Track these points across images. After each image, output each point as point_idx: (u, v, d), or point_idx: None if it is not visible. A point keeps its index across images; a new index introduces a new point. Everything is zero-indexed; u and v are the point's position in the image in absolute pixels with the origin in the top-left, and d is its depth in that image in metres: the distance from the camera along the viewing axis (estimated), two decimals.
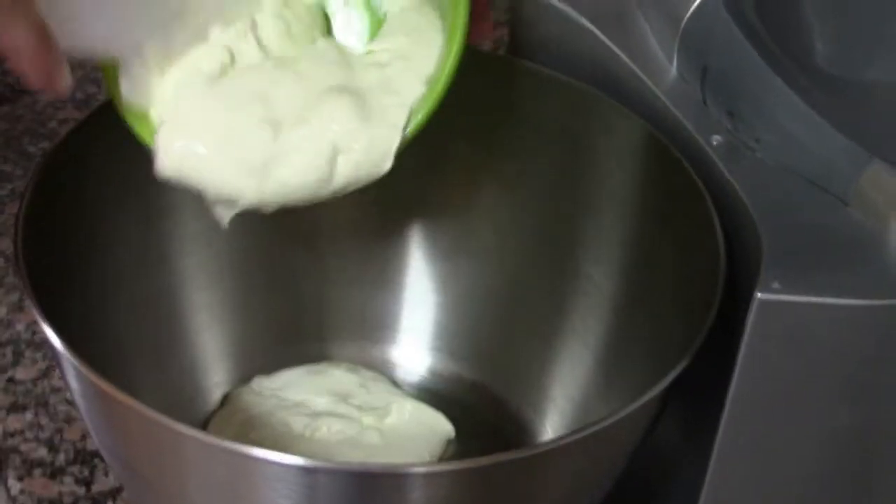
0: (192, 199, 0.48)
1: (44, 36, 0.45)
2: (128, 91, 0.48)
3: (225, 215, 0.48)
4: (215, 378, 0.60)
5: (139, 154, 0.48)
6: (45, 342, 0.66)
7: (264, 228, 0.47)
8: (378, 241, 0.61)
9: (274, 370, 0.60)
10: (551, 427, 0.58)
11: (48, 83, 0.46)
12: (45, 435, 0.62)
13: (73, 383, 0.46)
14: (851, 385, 0.47)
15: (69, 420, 0.63)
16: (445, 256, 0.61)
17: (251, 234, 0.57)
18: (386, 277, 0.61)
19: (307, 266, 0.61)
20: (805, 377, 0.46)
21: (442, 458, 0.57)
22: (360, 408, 0.58)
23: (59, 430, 0.63)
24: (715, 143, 0.51)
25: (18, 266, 0.47)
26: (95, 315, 0.53)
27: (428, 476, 0.42)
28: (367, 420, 0.58)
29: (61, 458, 0.61)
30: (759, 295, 0.45)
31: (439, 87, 0.47)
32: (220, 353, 0.60)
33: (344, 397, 0.59)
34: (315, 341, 0.62)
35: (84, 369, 0.43)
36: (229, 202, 0.48)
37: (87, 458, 0.61)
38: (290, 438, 0.57)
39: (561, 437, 0.44)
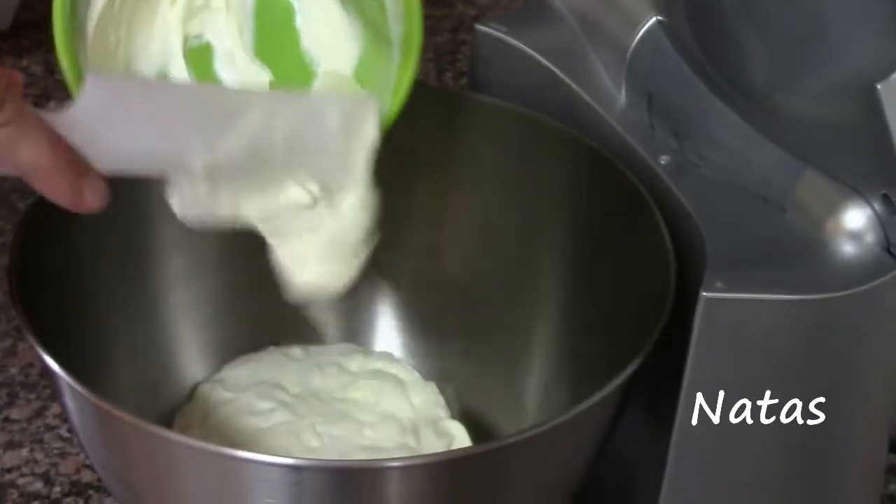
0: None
1: (60, 151, 0.42)
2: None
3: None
4: (194, 374, 0.62)
5: None
6: (38, 384, 0.69)
7: (241, 236, 0.51)
8: None
9: None
10: None
11: (74, 202, 0.43)
12: (40, 470, 0.65)
13: (69, 402, 0.49)
14: (796, 377, 0.50)
15: (63, 455, 0.66)
16: (413, 282, 0.64)
17: (230, 236, 0.60)
18: (358, 295, 0.64)
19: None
20: (752, 369, 0.50)
21: None
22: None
23: (55, 465, 0.65)
24: (663, 162, 0.55)
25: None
26: (77, 314, 0.56)
27: (404, 469, 0.45)
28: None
29: (57, 491, 0.64)
30: (704, 293, 0.48)
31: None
32: (198, 350, 0.63)
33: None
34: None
35: (78, 387, 0.47)
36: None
37: (81, 489, 0.64)
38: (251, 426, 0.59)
39: (524, 430, 0.47)
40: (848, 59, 0.49)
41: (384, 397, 0.62)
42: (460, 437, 0.60)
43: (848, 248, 0.50)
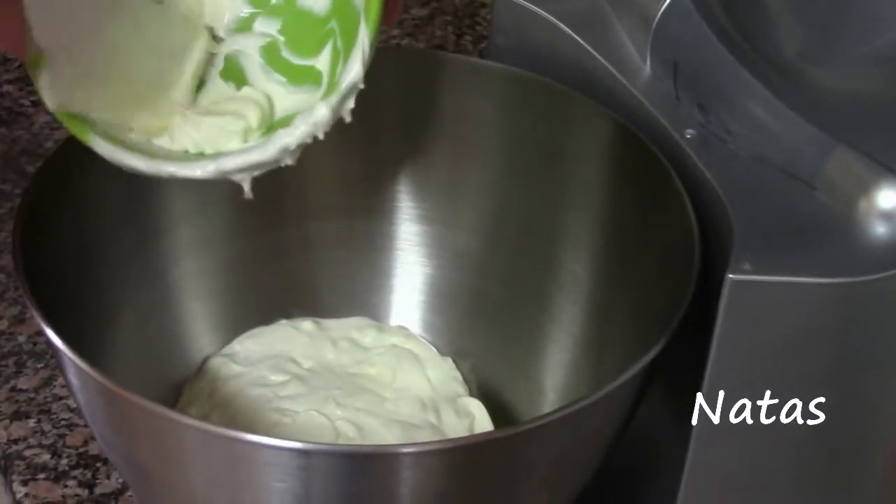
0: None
1: None
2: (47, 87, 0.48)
3: (245, 183, 0.49)
4: (202, 347, 0.61)
5: None
6: (46, 353, 0.68)
7: (252, 205, 0.49)
8: (366, 239, 0.63)
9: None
10: None
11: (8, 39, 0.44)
12: (47, 441, 0.64)
13: (73, 379, 0.48)
14: (824, 361, 0.49)
15: (71, 426, 0.65)
16: (430, 256, 0.63)
17: (240, 211, 0.59)
18: (373, 266, 0.63)
19: (295, 243, 0.63)
20: (779, 355, 0.48)
21: None
22: None
23: (62, 436, 0.64)
24: (688, 136, 0.53)
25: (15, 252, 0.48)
26: (84, 284, 0.54)
27: (418, 455, 0.44)
28: None
29: (64, 463, 0.63)
30: (730, 276, 0.46)
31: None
32: (207, 323, 0.61)
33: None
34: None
35: (82, 364, 0.45)
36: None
37: (89, 462, 0.63)
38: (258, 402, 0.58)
39: (545, 415, 0.45)
40: (885, 29, 0.47)
41: (401, 373, 0.60)
42: (481, 417, 0.59)
43: (881, 229, 0.48)
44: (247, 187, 0.49)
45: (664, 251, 0.52)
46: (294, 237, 0.62)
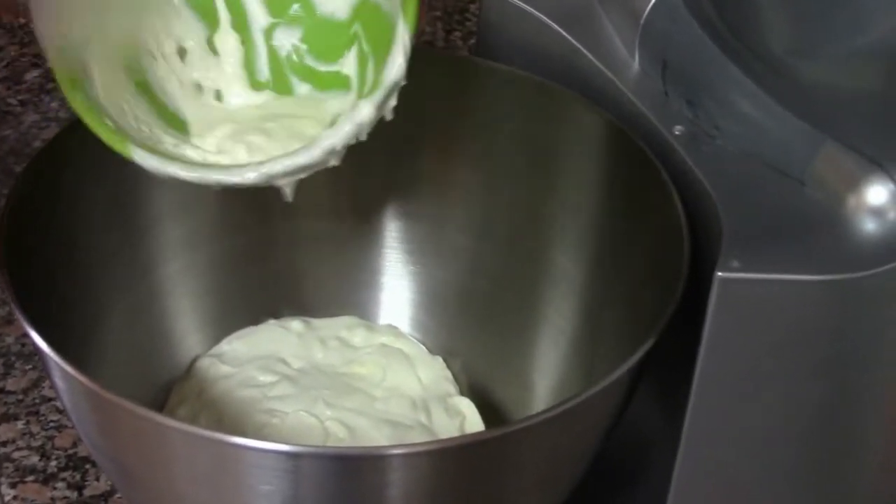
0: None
1: None
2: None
3: (288, 188, 0.49)
4: (190, 348, 0.61)
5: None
6: (34, 354, 0.67)
7: (240, 204, 0.49)
8: (355, 237, 0.63)
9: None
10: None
11: None
12: (36, 443, 0.64)
13: (59, 382, 0.48)
14: (814, 358, 0.48)
15: (60, 428, 0.64)
16: (419, 254, 0.63)
17: (227, 210, 0.59)
18: (362, 265, 0.63)
19: (284, 242, 0.62)
20: (768, 352, 0.48)
21: None
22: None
23: (51, 438, 0.64)
24: (677, 132, 0.53)
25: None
26: (70, 285, 0.54)
27: (408, 457, 0.44)
28: None
29: (53, 465, 0.63)
30: (719, 273, 0.46)
31: None
32: (194, 323, 0.61)
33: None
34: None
35: (67, 367, 0.45)
36: None
37: (78, 463, 0.63)
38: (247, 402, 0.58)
39: (535, 415, 0.45)
40: (874, 24, 0.47)
41: (391, 372, 0.60)
42: (471, 417, 0.59)
43: (870, 225, 0.48)
44: (289, 191, 0.49)
45: (653, 248, 0.52)
46: (282, 236, 0.62)
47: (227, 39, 0.55)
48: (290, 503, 0.44)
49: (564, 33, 0.58)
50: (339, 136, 0.48)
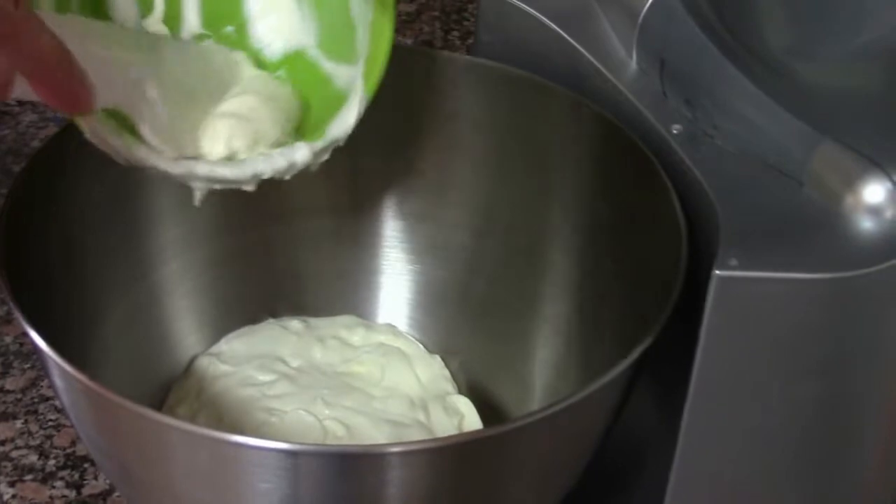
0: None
1: (64, 47, 0.42)
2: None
3: (199, 192, 0.49)
4: (189, 347, 0.61)
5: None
6: (33, 353, 0.68)
7: (238, 204, 0.49)
8: (353, 236, 0.63)
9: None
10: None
11: (71, 98, 0.43)
12: (35, 442, 0.64)
13: (57, 381, 0.48)
14: (812, 357, 0.48)
15: (58, 427, 0.64)
16: (417, 253, 0.63)
17: (226, 209, 0.59)
18: (360, 264, 0.63)
19: (282, 241, 0.62)
20: (766, 351, 0.48)
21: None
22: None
23: (49, 437, 0.64)
24: (675, 131, 0.53)
25: None
26: (69, 284, 0.54)
27: (406, 455, 0.44)
28: None
29: (52, 464, 0.63)
30: (717, 272, 0.46)
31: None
32: (193, 322, 0.61)
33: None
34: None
35: (66, 366, 0.45)
36: None
37: (76, 462, 0.63)
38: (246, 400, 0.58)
39: (533, 414, 0.45)
40: (872, 24, 0.47)
41: (389, 371, 0.60)
42: (470, 416, 0.59)
43: (867, 224, 0.48)
44: (198, 195, 0.49)
45: (651, 247, 0.52)
46: (281, 235, 0.62)
47: (158, 28, 0.54)
48: (288, 501, 0.44)
49: (562, 33, 0.58)
50: (269, 166, 0.48)
